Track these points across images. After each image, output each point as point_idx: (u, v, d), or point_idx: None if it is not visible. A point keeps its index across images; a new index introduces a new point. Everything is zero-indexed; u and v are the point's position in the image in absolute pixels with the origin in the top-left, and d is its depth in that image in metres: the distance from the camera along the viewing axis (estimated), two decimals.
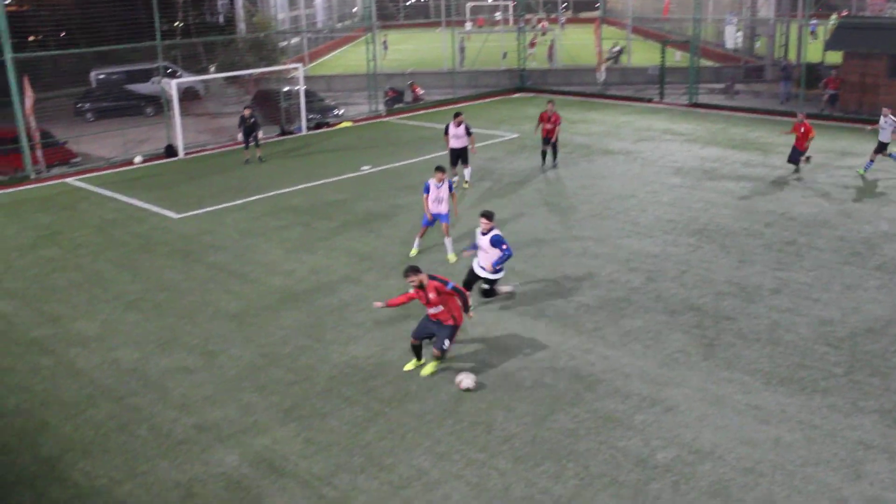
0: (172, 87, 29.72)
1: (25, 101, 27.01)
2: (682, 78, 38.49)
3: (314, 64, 56.34)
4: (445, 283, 12.51)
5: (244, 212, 21.86)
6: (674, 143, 28.55)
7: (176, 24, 44.70)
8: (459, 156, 23.37)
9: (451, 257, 17.65)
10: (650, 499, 9.56)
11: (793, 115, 32.35)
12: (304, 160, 28.14)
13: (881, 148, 23.41)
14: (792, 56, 40.86)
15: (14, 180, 27.08)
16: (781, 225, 19.19)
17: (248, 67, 39.23)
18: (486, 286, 14.90)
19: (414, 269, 12.55)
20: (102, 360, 13.57)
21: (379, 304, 13.07)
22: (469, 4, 71.67)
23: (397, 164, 26.66)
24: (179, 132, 29.87)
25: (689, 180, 22.96)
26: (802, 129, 23.51)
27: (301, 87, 33.77)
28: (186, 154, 30.02)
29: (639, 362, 12.83)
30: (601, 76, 41.33)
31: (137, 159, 29.21)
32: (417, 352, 12.84)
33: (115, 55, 38.46)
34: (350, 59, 58.52)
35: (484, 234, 14.42)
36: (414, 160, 27.13)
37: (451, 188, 17.47)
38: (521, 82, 43.40)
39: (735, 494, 9.59)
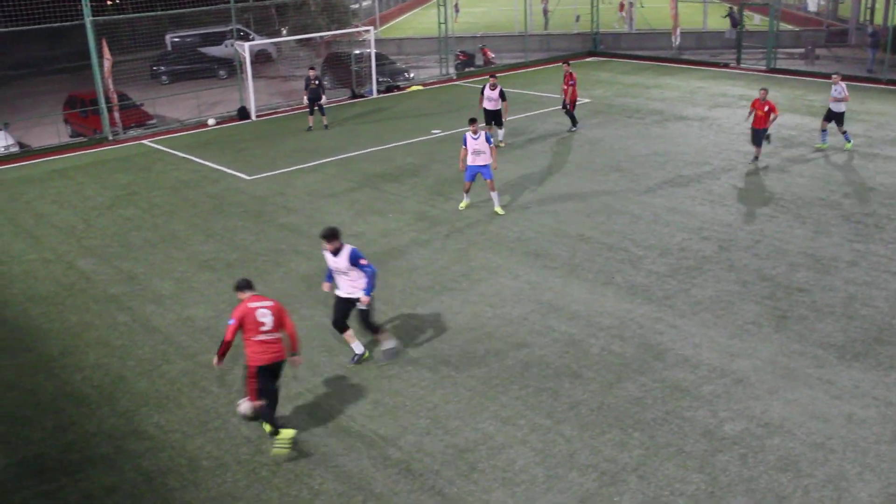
0: (245, 49, 30.01)
1: (104, 63, 27.57)
2: (760, 42, 37.47)
3: (385, 27, 56.34)
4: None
5: (315, 174, 22.06)
6: (731, 109, 27.86)
7: None
8: (493, 117, 23.79)
9: (499, 210, 18.04)
10: (717, 470, 9.47)
11: (877, 81, 31.36)
12: (374, 123, 28.22)
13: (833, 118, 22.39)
14: (878, 20, 39.37)
15: (93, 141, 27.76)
16: (860, 196, 18.65)
17: (319, 30, 39.38)
18: (362, 308, 11.83)
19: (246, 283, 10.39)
20: (177, 318, 13.91)
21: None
22: None
23: (467, 129, 26.50)
24: (252, 95, 30.20)
25: (765, 148, 22.42)
26: (766, 108, 20.76)
27: (372, 50, 33.80)
28: (258, 116, 30.36)
29: (709, 332, 12.66)
30: (676, 40, 40.47)
31: (211, 121, 29.65)
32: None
33: (190, 18, 39.01)
34: (421, 21, 58.33)
35: (334, 254, 11.70)
36: (484, 124, 26.96)
37: (488, 140, 17.79)
38: (594, 46, 42.74)
39: (805, 469, 9.43)
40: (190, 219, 18.96)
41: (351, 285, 11.75)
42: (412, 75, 37.10)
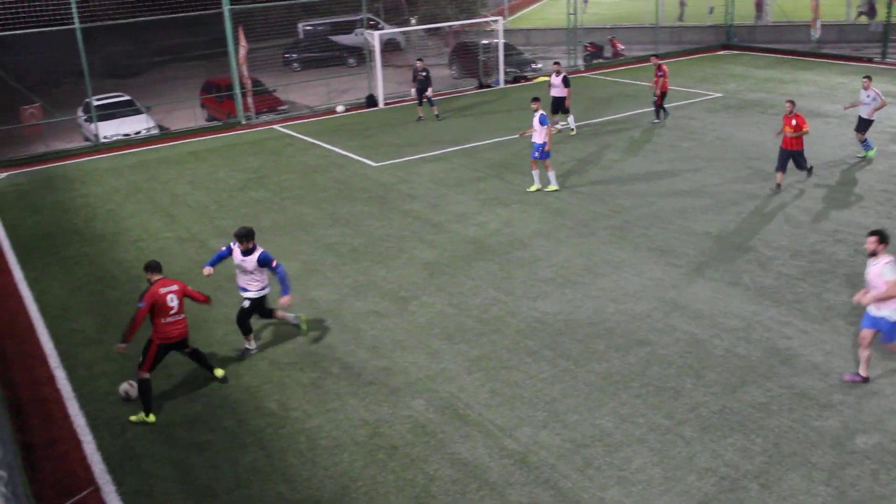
0: (375, 38, 30.41)
1: (239, 50, 28.43)
2: None
3: (514, 17, 56.13)
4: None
5: (440, 162, 22.19)
6: (894, 107, 26.49)
7: None
8: (557, 104, 24.70)
9: (553, 187, 19.22)
10: (845, 485, 9.05)
11: None
12: (500, 113, 28.18)
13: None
14: None
15: (227, 125, 28.70)
16: None
17: (448, 20, 39.54)
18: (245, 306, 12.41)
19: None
20: (301, 300, 14.21)
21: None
22: None
23: (594, 121, 26.21)
24: (380, 83, 30.60)
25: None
26: (794, 123, 18.04)
27: (500, 41, 33.72)
28: (386, 104, 30.74)
29: (841, 339, 12.12)
30: (816, 33, 38.81)
31: (339, 108, 30.20)
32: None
33: (322, 7, 39.79)
34: (550, 12, 57.85)
35: (244, 254, 12.17)
36: (611, 117, 26.60)
37: (542, 122, 18.78)
38: (728, 39, 41.46)
39: None
40: (317, 203, 19.37)
41: (249, 282, 12.33)
42: (539, 66, 36.83)
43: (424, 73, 27.64)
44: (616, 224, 16.98)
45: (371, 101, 30.78)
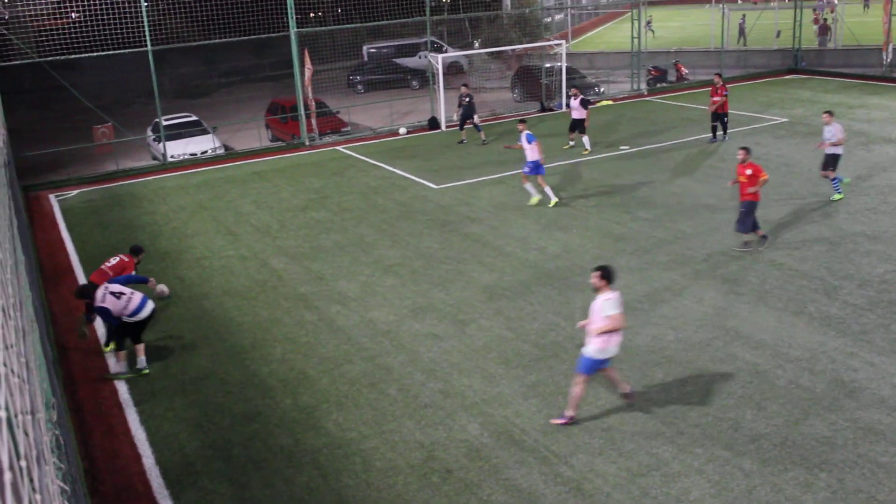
0: (438, 61, 30.64)
1: (305, 72, 28.87)
2: None
3: (577, 41, 56.10)
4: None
5: (501, 186, 22.20)
6: None
7: (444, 0, 45.99)
8: (576, 125, 25.85)
9: (553, 203, 19.99)
10: None
11: None
12: (561, 137, 28.08)
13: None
14: None
15: (291, 146, 29.13)
16: None
17: (511, 43, 39.66)
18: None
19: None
20: (360, 320, 14.32)
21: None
22: None
23: (657, 146, 25.99)
24: (443, 105, 30.78)
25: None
26: (749, 172, 16.21)
27: (563, 64, 33.71)
28: (448, 127, 30.90)
29: None
30: (887, 57, 38.02)
31: (402, 130, 30.46)
32: None
33: (387, 30, 40.26)
34: (614, 36, 57.70)
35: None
36: (674, 141, 26.35)
37: (530, 140, 19.66)
38: (795, 63, 40.84)
39: None
40: (378, 224, 19.51)
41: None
42: (602, 90, 36.73)
43: (468, 99, 27.91)
44: (677, 250, 16.78)
45: (433, 123, 30.99)
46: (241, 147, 29.40)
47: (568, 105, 26.47)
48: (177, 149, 27.84)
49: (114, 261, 14.09)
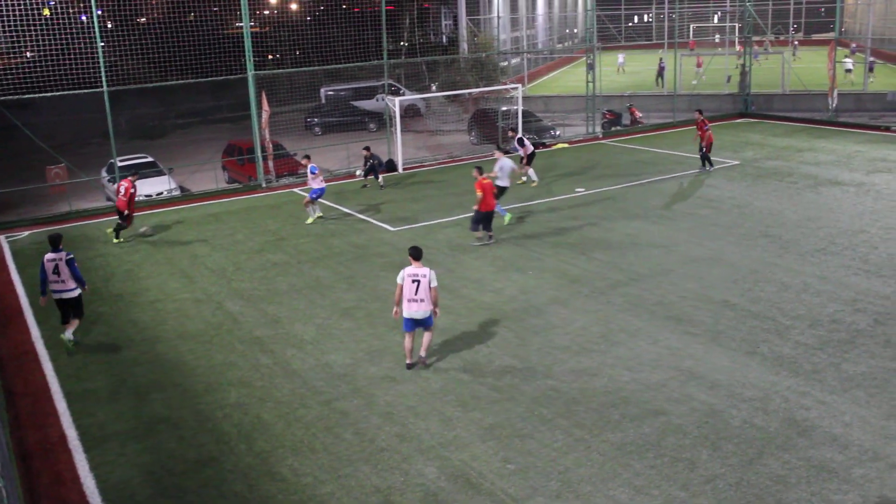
0: (395, 104, 30.83)
1: (262, 114, 28.88)
2: None
3: (533, 84, 56.83)
4: None
5: (457, 228, 22.28)
6: None
7: (402, 43, 46.45)
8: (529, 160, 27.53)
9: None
10: None
11: None
12: (518, 181, 28.33)
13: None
14: None
15: (248, 188, 29.02)
16: None
17: (468, 87, 40.06)
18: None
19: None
20: (316, 363, 14.20)
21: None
22: (693, 25, 69.87)
23: (612, 188, 26.31)
24: (399, 148, 30.92)
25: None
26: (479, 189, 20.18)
27: (519, 107, 34.10)
28: (405, 169, 31.02)
29: (861, 411, 11.93)
30: (833, 102, 39.08)
31: (359, 172, 30.48)
32: None
33: (344, 73, 40.47)
34: (569, 80, 58.58)
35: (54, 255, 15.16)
36: (629, 184, 26.69)
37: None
38: (745, 107, 41.77)
39: None
40: (334, 266, 19.45)
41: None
42: (558, 133, 37.18)
43: (372, 161, 28.48)
44: (633, 292, 16.93)
45: (391, 165, 31.09)
46: (197, 189, 29.23)
47: (514, 149, 28.03)
48: None
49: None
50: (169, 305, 17.41)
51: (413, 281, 13.25)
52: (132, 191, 22.33)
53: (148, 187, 27.93)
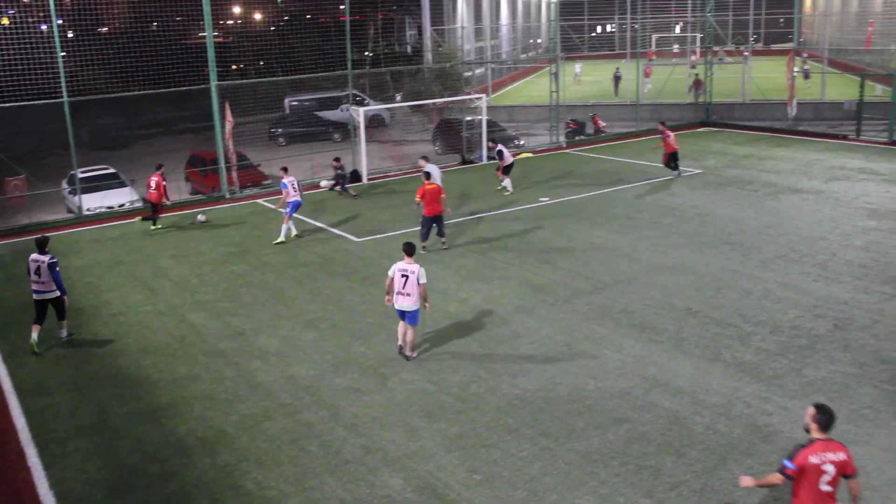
0: (360, 114, 30.81)
1: (225, 125, 28.72)
2: (882, 113, 36.32)
3: (497, 94, 57.04)
4: None
5: None
6: (870, 183, 26.95)
7: (366, 54, 46.45)
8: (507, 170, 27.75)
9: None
10: None
11: None
12: (482, 189, 28.44)
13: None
14: None
15: (211, 199, 28.82)
16: None
17: (432, 97, 40.15)
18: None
19: None
20: (280, 375, 14.12)
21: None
22: (655, 36, 70.56)
23: (576, 197, 26.48)
24: (364, 158, 30.89)
25: (885, 223, 21.58)
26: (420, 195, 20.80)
27: (483, 117, 34.22)
28: (370, 179, 30.99)
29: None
30: (792, 111, 39.67)
31: (324, 183, 30.40)
32: None
33: (309, 83, 40.38)
34: (532, 90, 58.88)
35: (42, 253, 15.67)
36: (593, 193, 26.87)
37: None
38: (707, 116, 42.26)
39: None
40: (298, 278, 19.37)
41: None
42: (522, 142, 37.34)
43: (341, 171, 28.82)
44: (597, 300, 17.04)
45: (355, 176, 31.02)
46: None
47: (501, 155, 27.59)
48: (93, 202, 27.31)
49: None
50: (132, 318, 17.23)
51: (402, 275, 14.11)
52: (163, 183, 24.45)
53: (110, 199, 27.66)
